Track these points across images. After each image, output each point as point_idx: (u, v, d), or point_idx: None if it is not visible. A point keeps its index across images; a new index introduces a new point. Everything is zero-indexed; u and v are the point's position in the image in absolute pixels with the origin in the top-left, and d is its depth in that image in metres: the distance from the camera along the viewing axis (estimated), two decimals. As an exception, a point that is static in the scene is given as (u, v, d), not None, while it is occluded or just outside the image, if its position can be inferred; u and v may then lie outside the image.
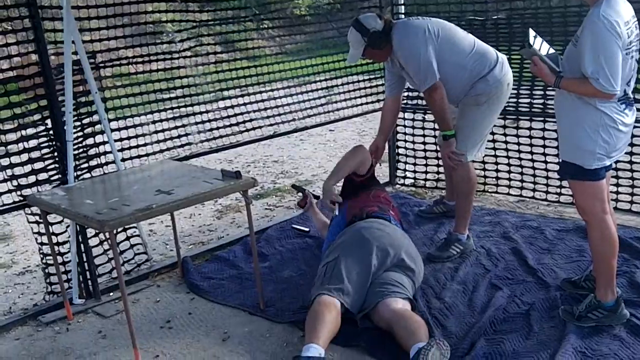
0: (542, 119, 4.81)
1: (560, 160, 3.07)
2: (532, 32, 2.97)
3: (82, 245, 3.71)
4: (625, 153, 3.24)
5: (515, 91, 4.78)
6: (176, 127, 4.37)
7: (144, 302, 3.73)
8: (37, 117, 3.61)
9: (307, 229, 4.57)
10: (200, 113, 4.54)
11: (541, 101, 4.81)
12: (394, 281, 3.27)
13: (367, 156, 4.06)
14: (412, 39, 3.72)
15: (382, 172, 6.00)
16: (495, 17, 4.95)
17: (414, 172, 5.55)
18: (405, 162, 5.60)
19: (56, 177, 3.66)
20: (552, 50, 3.03)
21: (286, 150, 7.63)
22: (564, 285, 3.51)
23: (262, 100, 4.89)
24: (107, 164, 3.94)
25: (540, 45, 2.98)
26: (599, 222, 3.02)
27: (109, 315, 3.59)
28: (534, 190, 4.97)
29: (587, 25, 2.77)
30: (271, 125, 4.94)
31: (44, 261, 3.82)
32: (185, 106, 4.49)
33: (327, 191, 3.81)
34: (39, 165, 3.63)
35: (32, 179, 3.62)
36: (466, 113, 3.91)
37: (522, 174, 5.02)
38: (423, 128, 5.38)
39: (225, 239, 4.65)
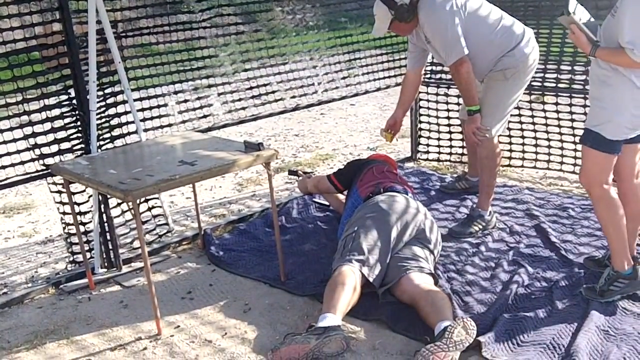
0: (568, 94, 4.74)
1: (585, 127, 3.05)
2: (572, 0, 2.91)
3: (104, 215, 3.72)
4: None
5: (542, 66, 4.70)
6: (198, 99, 4.35)
7: (165, 272, 3.75)
8: (60, 86, 3.60)
9: (327, 203, 4.55)
10: (223, 84, 4.51)
11: (568, 77, 4.73)
12: (416, 256, 3.27)
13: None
14: (440, 12, 3.65)
15: (403, 147, 5.98)
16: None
17: (439, 146, 5.50)
18: (428, 137, 5.55)
19: (79, 146, 3.66)
20: (591, 19, 2.98)
21: (307, 124, 7.59)
22: (587, 263, 3.48)
23: (285, 72, 4.85)
24: (129, 134, 3.93)
25: (581, 14, 2.94)
26: (602, 193, 3.02)
27: (131, 286, 3.61)
28: (561, 162, 4.91)
29: None
30: (292, 97, 4.90)
31: (65, 231, 3.84)
32: (207, 77, 4.45)
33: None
34: (61, 134, 3.63)
35: (54, 148, 3.61)
36: (492, 88, 3.85)
37: (549, 147, 4.96)
38: (447, 103, 5.32)
39: (246, 212, 4.65)
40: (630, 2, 2.69)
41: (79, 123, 3.62)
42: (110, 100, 3.82)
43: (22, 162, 3.53)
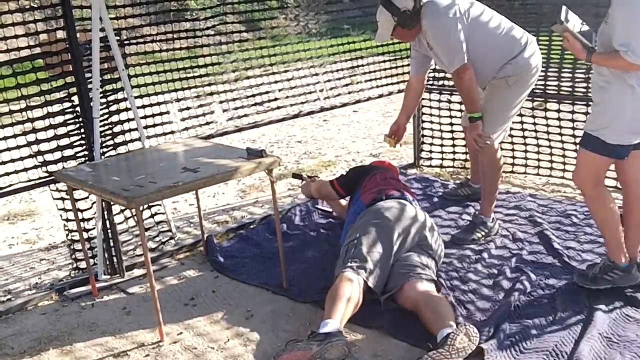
0: (570, 101, 4.74)
1: (584, 132, 3.07)
2: (564, 9, 2.96)
3: (107, 222, 3.73)
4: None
5: (544, 73, 4.71)
6: (201, 106, 4.36)
7: (168, 279, 3.75)
8: (63, 93, 3.62)
9: (330, 209, 4.55)
10: (225, 92, 4.52)
11: (569, 84, 4.74)
12: (419, 262, 3.26)
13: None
14: (443, 19, 3.66)
15: (406, 154, 5.98)
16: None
17: (442, 152, 5.50)
18: (431, 144, 5.55)
19: (82, 153, 3.67)
20: (586, 27, 3.03)
21: (309, 130, 7.60)
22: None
23: (288, 80, 4.87)
24: (132, 141, 3.94)
25: (574, 22, 2.98)
26: (595, 192, 3.09)
27: (134, 292, 3.62)
28: (563, 170, 4.91)
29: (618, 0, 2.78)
30: (294, 104, 4.92)
31: (69, 237, 3.85)
32: (210, 84, 4.47)
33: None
34: (64, 141, 3.65)
35: (57, 155, 3.63)
36: (495, 95, 3.85)
37: (551, 154, 4.96)
38: (449, 109, 5.33)
39: (249, 218, 4.65)
40: (622, 6, 2.74)
41: (82, 130, 3.64)
42: (113, 108, 3.84)
43: (26, 169, 3.55)
